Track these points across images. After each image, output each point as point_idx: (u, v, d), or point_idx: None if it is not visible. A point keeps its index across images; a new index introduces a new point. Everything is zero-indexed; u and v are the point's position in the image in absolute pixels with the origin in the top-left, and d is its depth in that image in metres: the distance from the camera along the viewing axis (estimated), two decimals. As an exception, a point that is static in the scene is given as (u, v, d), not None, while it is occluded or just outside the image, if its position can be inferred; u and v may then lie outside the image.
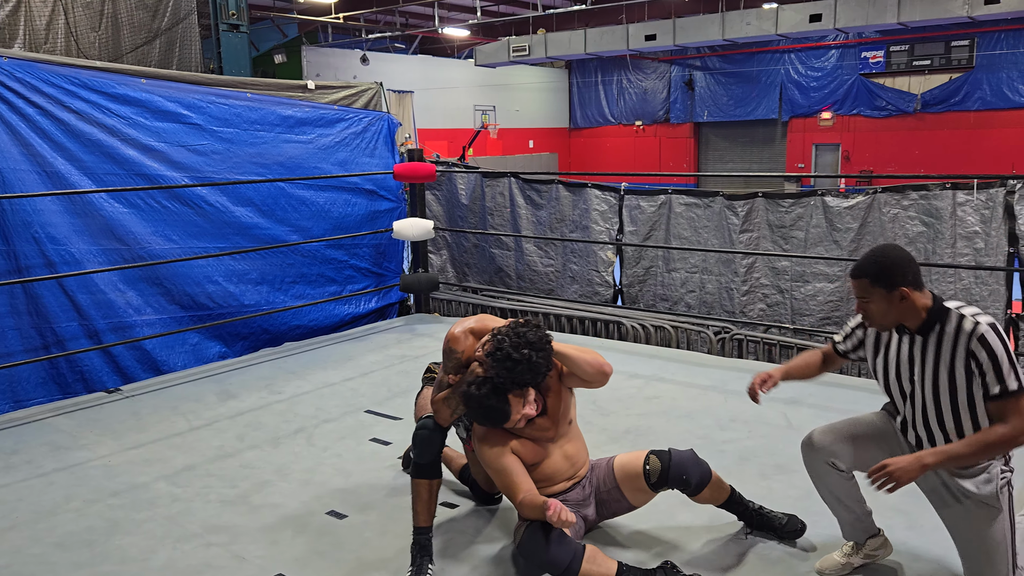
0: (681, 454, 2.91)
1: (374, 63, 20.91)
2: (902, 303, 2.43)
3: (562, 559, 2.62)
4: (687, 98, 25.50)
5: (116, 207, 5.46)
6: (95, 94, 5.35)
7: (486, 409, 2.71)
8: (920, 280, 2.46)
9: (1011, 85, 20.02)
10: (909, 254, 2.49)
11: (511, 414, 2.72)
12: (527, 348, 2.65)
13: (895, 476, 2.36)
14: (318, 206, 6.60)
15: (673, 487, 2.89)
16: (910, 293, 2.42)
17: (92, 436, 4.27)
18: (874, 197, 5.94)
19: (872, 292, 2.46)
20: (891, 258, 2.44)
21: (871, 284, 2.45)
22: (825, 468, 2.72)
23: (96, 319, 5.38)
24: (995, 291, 5.48)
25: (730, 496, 3.01)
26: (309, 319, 6.59)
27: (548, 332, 2.78)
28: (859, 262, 2.51)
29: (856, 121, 22.65)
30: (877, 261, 2.45)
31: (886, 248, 2.50)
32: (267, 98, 6.35)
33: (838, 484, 2.73)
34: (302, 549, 3.09)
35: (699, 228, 6.71)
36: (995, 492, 2.44)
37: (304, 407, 4.70)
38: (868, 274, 2.45)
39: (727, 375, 5.07)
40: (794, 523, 3.01)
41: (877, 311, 2.48)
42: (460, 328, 2.91)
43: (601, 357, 2.83)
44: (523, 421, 2.77)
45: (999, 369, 2.33)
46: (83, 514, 3.40)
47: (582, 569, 2.64)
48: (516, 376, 2.65)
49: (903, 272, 2.42)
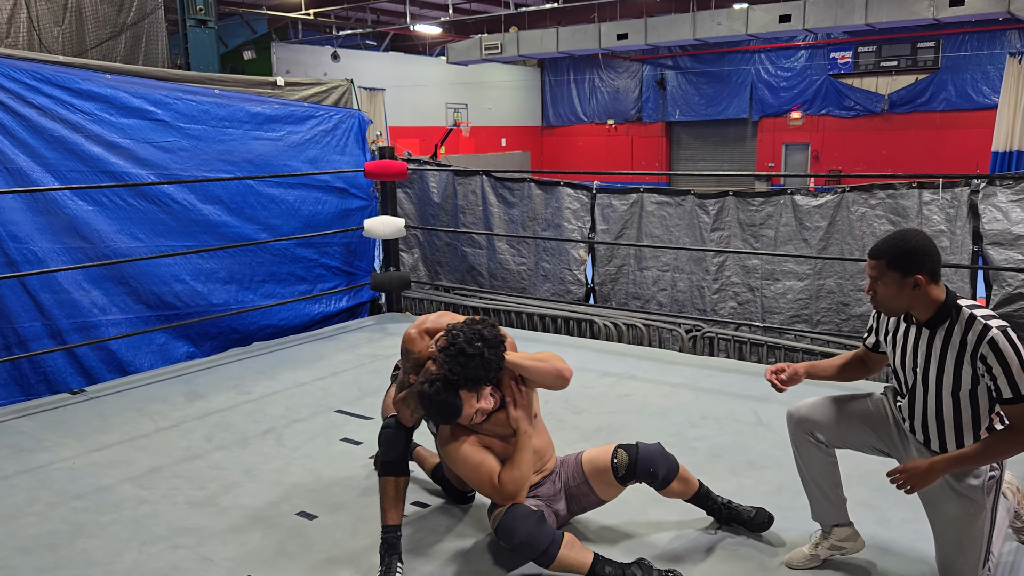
0: (648, 447, 2.92)
1: (345, 60, 20.75)
2: (914, 291, 2.40)
3: (541, 541, 2.63)
4: (659, 97, 25.62)
5: (80, 205, 5.36)
6: (58, 89, 5.24)
7: (438, 405, 2.70)
8: (938, 273, 2.42)
9: (975, 86, 20.37)
10: (933, 244, 2.44)
11: (462, 408, 2.71)
12: (480, 342, 2.64)
13: (910, 481, 2.40)
14: (288, 204, 6.53)
15: (641, 480, 2.90)
16: (924, 283, 2.39)
17: (55, 438, 4.19)
18: (842, 196, 6.00)
19: (886, 274, 2.43)
20: (913, 244, 2.41)
21: (887, 266, 2.42)
22: (804, 440, 2.72)
23: (60, 319, 5.28)
24: (960, 289, 5.57)
25: (698, 490, 3.02)
26: (279, 318, 6.52)
27: (504, 337, 2.76)
28: (880, 242, 2.47)
29: (825, 121, 22.91)
30: (898, 244, 2.42)
31: (910, 233, 2.45)
32: (236, 95, 6.27)
33: (817, 460, 2.72)
34: (271, 550, 3.05)
35: (671, 227, 6.74)
36: (980, 488, 2.46)
37: (274, 407, 4.65)
38: (886, 256, 2.42)
39: (698, 373, 5.10)
40: (762, 515, 3.03)
41: (886, 294, 2.45)
42: (416, 328, 2.91)
43: (559, 361, 2.81)
44: (479, 416, 2.76)
45: (1010, 374, 2.31)
46: (46, 517, 3.33)
47: (559, 554, 2.65)
48: (469, 372, 2.64)
49: (921, 260, 2.38)
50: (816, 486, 2.76)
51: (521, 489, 2.75)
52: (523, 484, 2.76)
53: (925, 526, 2.65)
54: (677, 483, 2.95)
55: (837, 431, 2.70)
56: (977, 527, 2.50)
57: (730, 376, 5.00)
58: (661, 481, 2.91)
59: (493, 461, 2.80)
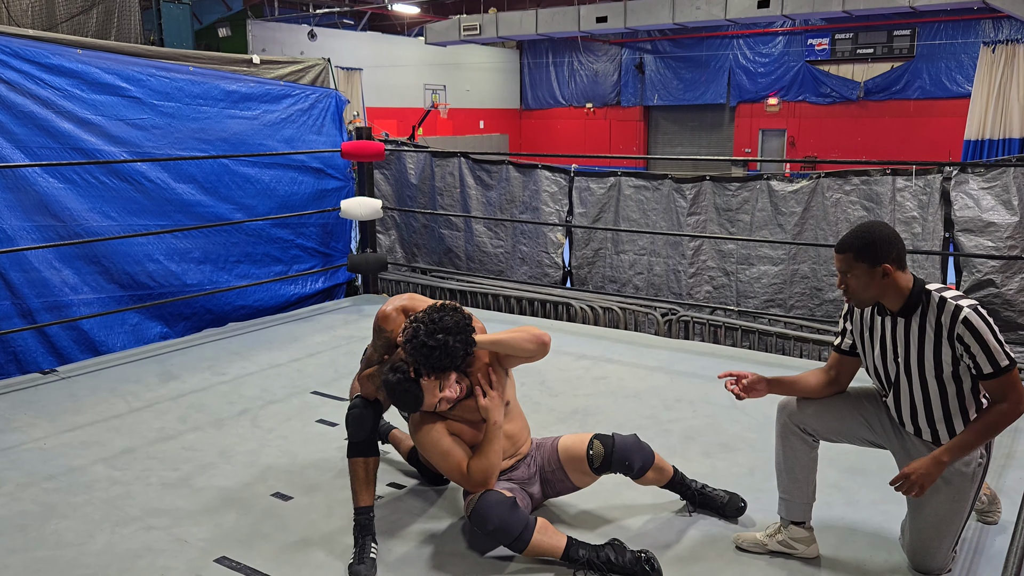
0: (624, 439, 2.94)
1: (322, 39, 20.50)
2: (884, 280, 2.45)
3: (514, 527, 2.65)
4: (637, 81, 25.59)
5: (51, 182, 5.27)
6: (27, 64, 5.13)
7: (400, 394, 2.71)
8: (904, 260, 2.48)
9: (949, 75, 20.55)
10: (896, 233, 2.50)
11: (424, 398, 2.71)
12: (442, 333, 2.63)
13: (919, 482, 2.42)
14: (263, 184, 6.47)
15: (616, 471, 2.93)
16: (892, 271, 2.44)
17: (26, 419, 4.14)
18: (818, 182, 6.05)
19: (854, 266, 2.47)
20: (876, 234, 2.46)
21: (854, 258, 2.47)
22: (792, 431, 2.72)
23: (30, 298, 5.20)
24: (931, 275, 5.65)
25: (673, 477, 3.06)
26: (254, 299, 6.47)
27: (470, 318, 2.75)
28: (845, 236, 2.52)
29: (801, 107, 23.03)
30: (862, 236, 2.47)
31: (873, 224, 2.51)
32: (210, 72, 6.17)
33: (800, 453, 2.73)
34: (246, 531, 3.05)
35: (648, 211, 6.76)
36: (969, 475, 2.50)
37: (249, 388, 4.62)
38: (852, 248, 2.47)
39: (673, 356, 5.13)
40: (735, 501, 3.06)
41: (857, 285, 2.50)
42: (392, 306, 2.90)
43: (535, 329, 2.82)
44: (443, 404, 2.76)
45: (987, 349, 2.36)
46: (16, 498, 3.30)
47: (532, 539, 2.67)
48: (433, 362, 2.64)
49: (887, 249, 2.44)
50: (791, 477, 2.75)
51: (490, 477, 2.76)
52: (492, 473, 2.77)
53: (894, 507, 2.70)
54: (652, 472, 2.98)
55: (830, 424, 2.71)
56: (957, 513, 2.54)
57: (705, 359, 5.05)
58: (637, 472, 2.93)
59: (461, 450, 2.80)
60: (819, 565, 2.77)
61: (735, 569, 2.76)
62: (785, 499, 2.79)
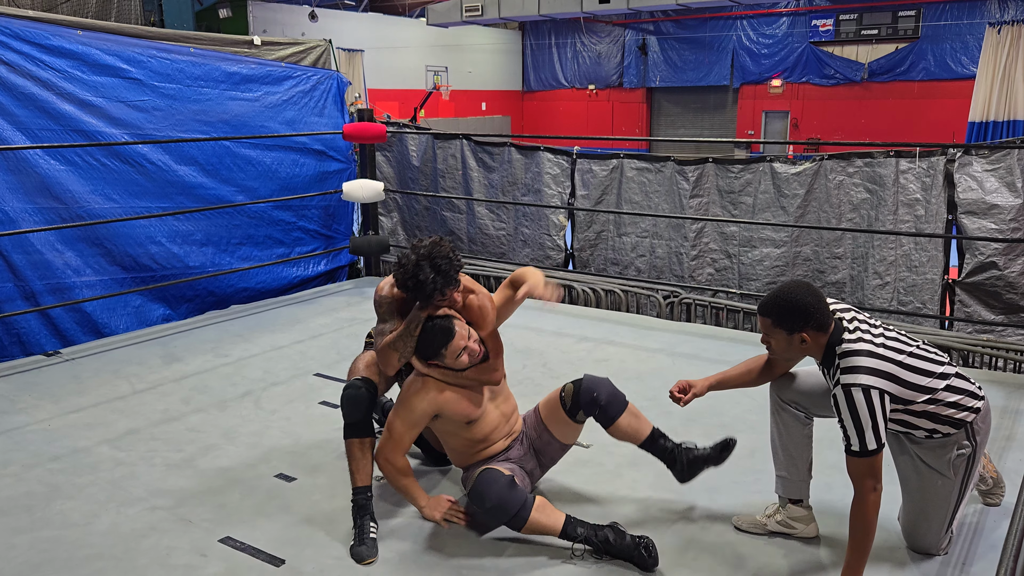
0: (593, 377, 2.97)
1: (323, 20, 20.37)
2: (802, 346, 2.49)
3: (512, 505, 2.68)
4: (640, 63, 25.43)
5: (52, 164, 5.27)
6: (28, 45, 5.12)
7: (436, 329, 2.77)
8: (825, 321, 2.46)
9: (954, 56, 20.39)
10: (817, 294, 2.47)
11: (455, 331, 2.77)
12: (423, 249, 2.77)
13: None
14: (265, 166, 6.46)
15: (588, 411, 2.91)
16: (811, 337, 2.46)
17: (30, 400, 4.16)
18: (821, 164, 6.03)
19: (774, 332, 2.52)
20: (794, 302, 2.45)
21: (772, 324, 2.51)
22: (784, 408, 2.76)
23: (33, 280, 5.21)
24: (933, 257, 5.64)
25: (651, 433, 2.97)
26: (256, 281, 6.48)
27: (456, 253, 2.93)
28: (765, 299, 2.53)
29: (805, 89, 22.89)
30: (780, 304, 2.48)
31: (794, 289, 2.48)
32: (211, 53, 6.15)
33: (794, 430, 2.76)
34: (250, 512, 3.07)
35: (650, 193, 6.74)
36: (948, 462, 2.53)
37: (251, 370, 4.64)
38: (771, 315, 2.50)
39: (675, 338, 5.14)
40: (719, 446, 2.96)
41: (779, 348, 2.56)
42: (385, 281, 2.98)
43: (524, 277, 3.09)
44: (465, 356, 2.78)
45: (854, 426, 2.35)
46: (21, 479, 3.32)
47: (531, 517, 2.70)
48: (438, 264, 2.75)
49: (805, 318, 2.44)
50: (786, 455, 2.78)
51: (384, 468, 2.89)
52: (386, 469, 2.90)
53: (892, 488, 2.71)
54: (627, 417, 2.91)
55: (817, 399, 2.73)
56: (943, 498, 2.58)
57: (706, 342, 5.05)
58: (605, 409, 2.88)
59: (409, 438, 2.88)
60: (818, 544, 2.80)
61: (734, 550, 2.78)
62: (782, 476, 2.82)
